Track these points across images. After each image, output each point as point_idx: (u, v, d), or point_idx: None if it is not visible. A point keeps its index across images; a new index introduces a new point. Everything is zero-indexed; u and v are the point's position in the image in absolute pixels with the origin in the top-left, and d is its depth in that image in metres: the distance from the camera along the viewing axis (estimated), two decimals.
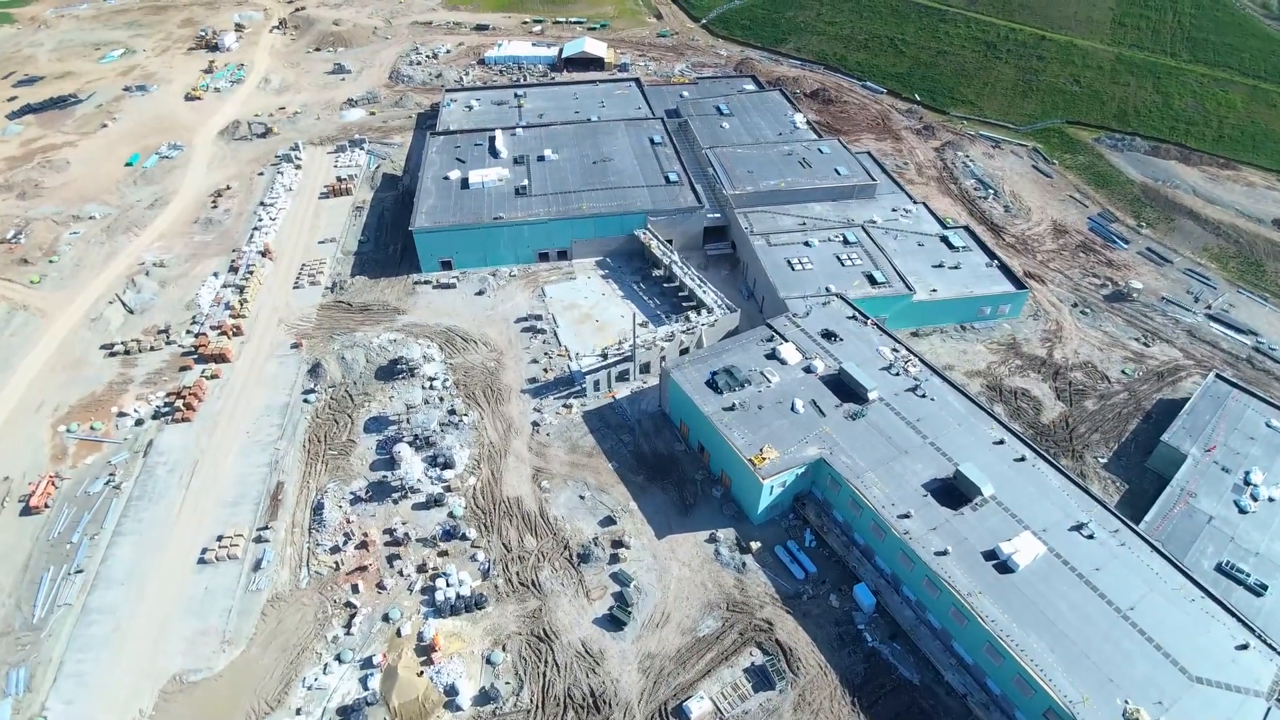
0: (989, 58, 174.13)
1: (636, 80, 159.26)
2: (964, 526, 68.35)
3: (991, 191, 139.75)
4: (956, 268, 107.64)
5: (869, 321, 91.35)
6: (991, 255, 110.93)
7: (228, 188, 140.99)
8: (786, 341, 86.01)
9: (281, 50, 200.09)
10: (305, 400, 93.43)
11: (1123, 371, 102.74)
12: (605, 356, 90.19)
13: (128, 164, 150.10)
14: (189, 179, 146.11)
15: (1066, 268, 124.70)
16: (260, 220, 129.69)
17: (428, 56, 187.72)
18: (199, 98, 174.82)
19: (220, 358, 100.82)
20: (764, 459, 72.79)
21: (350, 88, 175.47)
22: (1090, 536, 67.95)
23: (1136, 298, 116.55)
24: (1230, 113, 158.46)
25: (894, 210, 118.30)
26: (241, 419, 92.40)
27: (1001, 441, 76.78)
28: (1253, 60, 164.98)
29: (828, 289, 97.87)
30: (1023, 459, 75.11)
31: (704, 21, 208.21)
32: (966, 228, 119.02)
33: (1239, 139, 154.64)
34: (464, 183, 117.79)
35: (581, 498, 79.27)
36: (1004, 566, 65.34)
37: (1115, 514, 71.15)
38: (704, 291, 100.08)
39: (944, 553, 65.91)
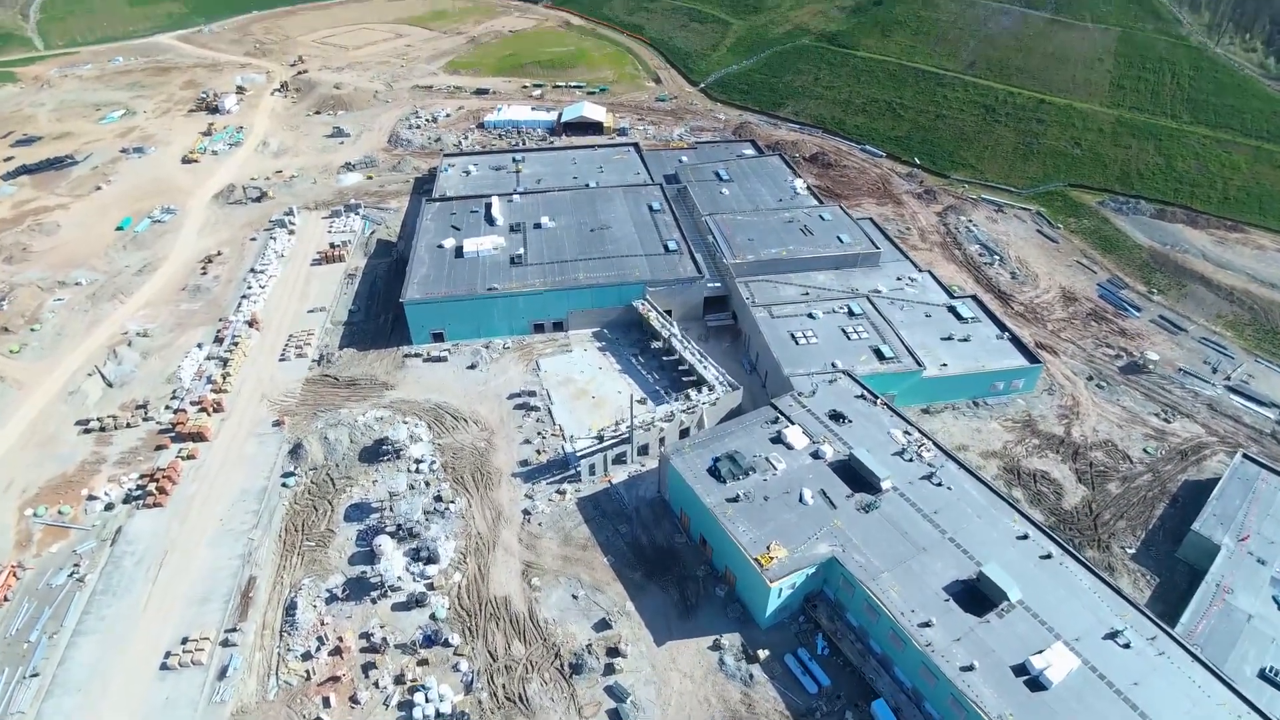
0: (988, 121, 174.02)
1: (635, 145, 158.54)
2: (990, 636, 62.72)
3: (997, 257, 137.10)
4: (966, 340, 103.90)
5: (879, 401, 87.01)
6: (1002, 327, 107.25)
7: (219, 253, 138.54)
8: (792, 424, 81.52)
9: (281, 113, 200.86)
10: (284, 484, 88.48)
11: (1145, 450, 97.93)
12: (601, 439, 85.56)
13: (119, 228, 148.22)
14: (180, 244, 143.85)
15: (1079, 337, 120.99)
16: (249, 288, 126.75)
17: (427, 120, 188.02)
18: (196, 160, 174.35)
19: (198, 436, 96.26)
20: (771, 558, 67.51)
21: (348, 151, 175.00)
22: (1126, 646, 62.28)
23: (1153, 369, 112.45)
24: (1235, 174, 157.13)
25: (899, 279, 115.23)
26: (216, 504, 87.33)
27: (1025, 536, 71.59)
28: (1255, 121, 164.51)
29: (834, 365, 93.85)
30: (1049, 556, 69.80)
31: (702, 86, 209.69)
32: (974, 297, 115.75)
33: (1245, 201, 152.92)
34: (458, 251, 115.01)
35: (574, 597, 73.60)
36: (1036, 683, 59.53)
37: (1151, 618, 65.45)
38: (705, 367, 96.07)
39: (970, 668, 60.12)
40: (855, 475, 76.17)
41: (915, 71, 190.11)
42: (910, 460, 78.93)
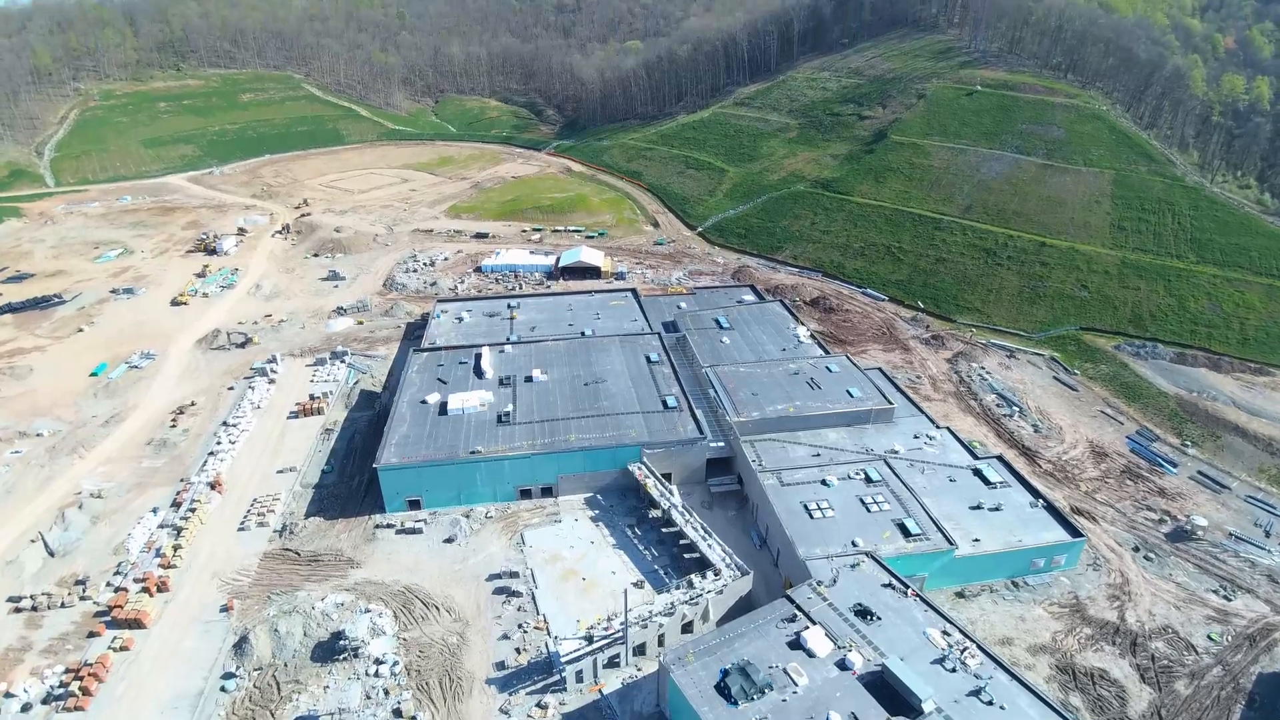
0: (990, 264, 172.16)
1: (633, 290, 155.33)
2: None
3: (1016, 409, 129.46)
4: (997, 509, 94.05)
5: (910, 591, 76.02)
6: (1035, 493, 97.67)
7: (192, 403, 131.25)
8: (814, 624, 70.25)
9: (279, 255, 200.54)
10: (223, 688, 76.02)
11: (1209, 637, 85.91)
12: (590, 639, 73.89)
13: (93, 373, 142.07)
14: (153, 393, 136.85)
15: (1116, 499, 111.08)
16: (219, 443, 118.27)
17: (425, 264, 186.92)
18: (185, 303, 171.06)
19: (135, 623, 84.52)
20: None
21: (342, 295, 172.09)
22: None
23: (1202, 536, 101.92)
24: (1250, 314, 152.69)
25: (916, 437, 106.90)
26: (144, 711, 74.64)
27: None
28: (1262, 259, 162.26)
29: (854, 544, 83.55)
30: None
31: (700, 229, 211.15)
32: (1000, 457, 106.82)
33: (1265, 341, 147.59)
34: (442, 408, 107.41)
35: None
36: None
37: None
38: (709, 546, 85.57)
39: None
40: (891, 693, 64.14)
41: (912, 216, 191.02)
42: (953, 670, 67.09)
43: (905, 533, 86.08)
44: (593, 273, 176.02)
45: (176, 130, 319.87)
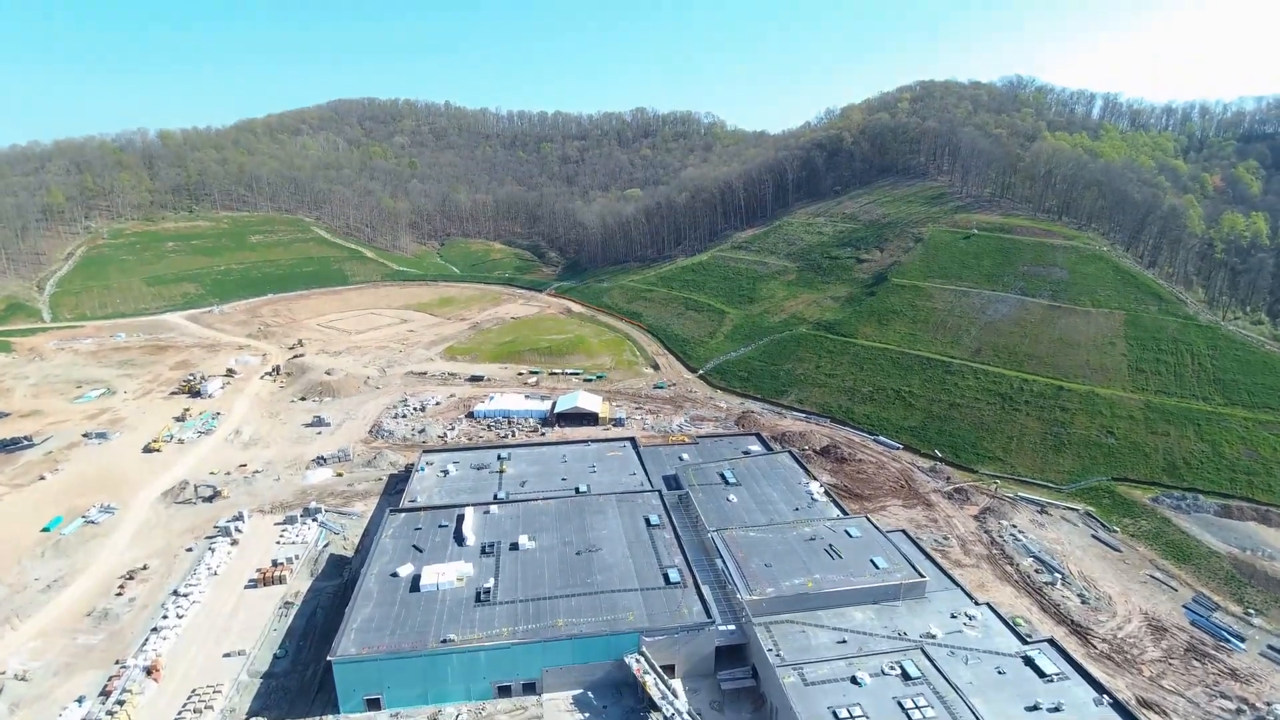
0: (1007, 410, 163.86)
1: (632, 439, 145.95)
2: None
3: (1058, 575, 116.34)
4: (1057, 710, 79.47)
5: None
6: (1098, 686, 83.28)
7: (144, 567, 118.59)
8: None
9: (265, 399, 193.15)
10: None
11: None
12: None
13: (45, 528, 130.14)
14: (105, 553, 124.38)
15: (1185, 685, 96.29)
16: (165, 617, 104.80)
17: (415, 409, 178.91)
18: (158, 449, 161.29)
19: None
20: None
21: (324, 443, 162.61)
22: None
23: None
24: None
25: (954, 617, 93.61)
26: None
27: None
28: None
29: None
30: None
31: (701, 372, 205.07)
32: (1051, 640, 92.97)
33: None
34: (415, 582, 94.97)
35: None
36: None
37: None
38: None
39: None
40: None
41: (920, 359, 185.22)
42: None
43: None
44: (590, 419, 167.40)
45: (182, 269, 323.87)
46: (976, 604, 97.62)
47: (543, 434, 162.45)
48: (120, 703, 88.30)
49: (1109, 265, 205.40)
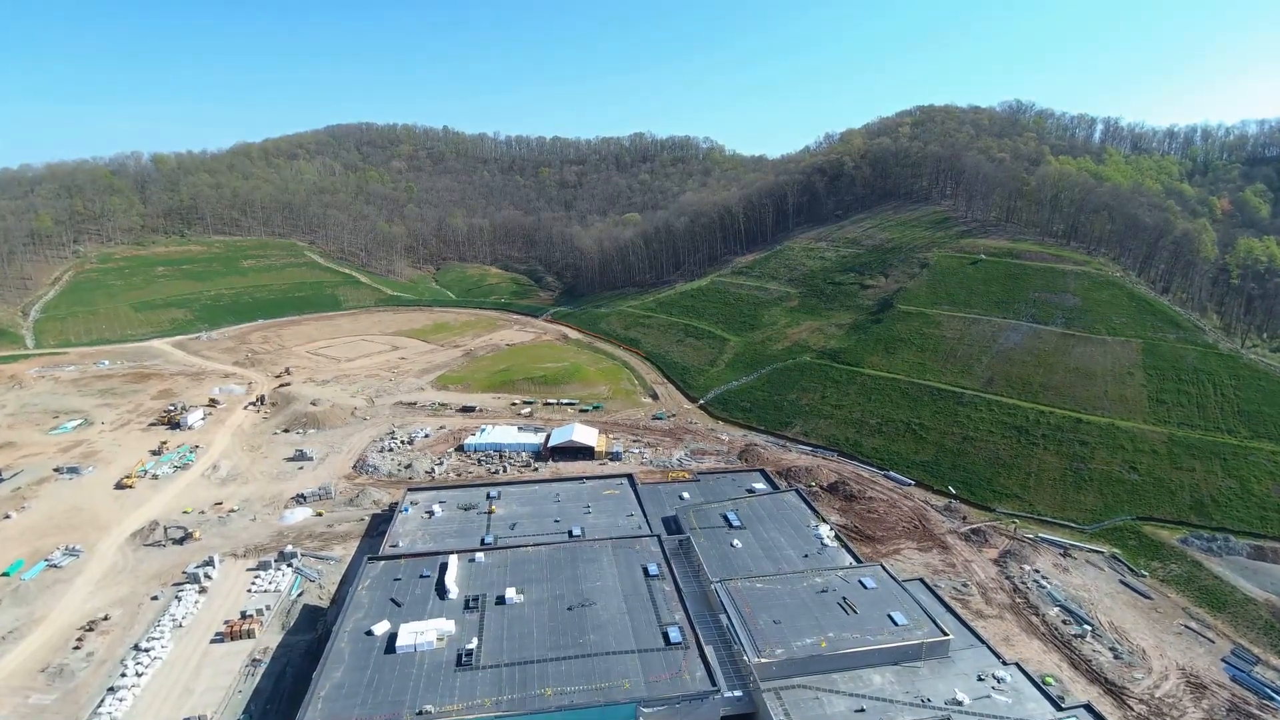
0: (1024, 444, 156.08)
1: (629, 476, 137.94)
2: None
3: (1088, 626, 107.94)
4: None
5: None
6: None
7: (105, 618, 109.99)
8: None
9: (247, 430, 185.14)
10: None
11: None
12: None
13: (6, 573, 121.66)
14: (66, 602, 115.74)
15: None
16: (124, 674, 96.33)
17: (402, 442, 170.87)
18: (131, 485, 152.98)
19: None
20: None
21: (305, 479, 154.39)
22: None
23: None
24: None
25: (981, 680, 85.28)
26: None
27: None
28: None
29: None
30: None
31: (702, 403, 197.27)
32: (1088, 706, 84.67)
33: None
34: (391, 642, 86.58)
35: None
36: None
37: None
38: None
39: None
40: None
41: (930, 390, 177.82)
42: None
43: None
44: (585, 453, 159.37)
45: (170, 294, 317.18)
46: (1004, 664, 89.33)
47: (535, 469, 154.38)
48: None
49: (1123, 291, 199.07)
